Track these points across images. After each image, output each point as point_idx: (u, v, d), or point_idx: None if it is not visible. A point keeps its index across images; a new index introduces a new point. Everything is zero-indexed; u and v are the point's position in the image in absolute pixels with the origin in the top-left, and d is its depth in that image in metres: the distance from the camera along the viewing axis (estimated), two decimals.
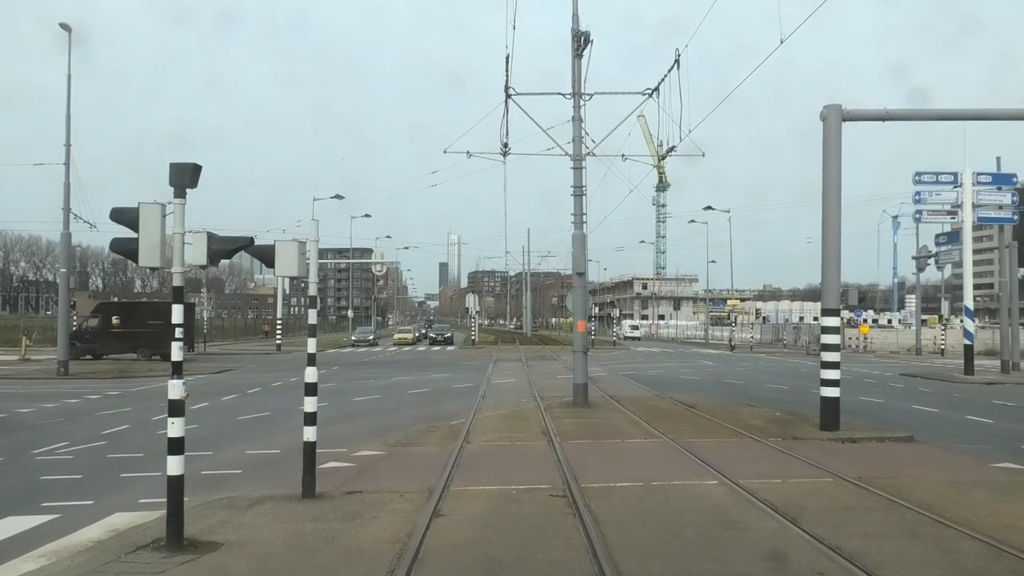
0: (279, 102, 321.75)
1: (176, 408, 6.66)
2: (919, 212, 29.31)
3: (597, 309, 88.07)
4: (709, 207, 56.52)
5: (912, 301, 59.89)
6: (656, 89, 17.47)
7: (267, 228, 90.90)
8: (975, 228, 30.61)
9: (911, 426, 14.63)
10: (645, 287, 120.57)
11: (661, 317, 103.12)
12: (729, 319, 68.77)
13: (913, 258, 45.35)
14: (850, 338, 49.28)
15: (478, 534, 7.09)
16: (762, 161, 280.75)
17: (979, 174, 27.40)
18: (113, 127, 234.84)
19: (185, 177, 6.67)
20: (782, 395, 20.50)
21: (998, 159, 30.32)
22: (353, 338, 61.05)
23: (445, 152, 19.23)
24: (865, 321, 66.06)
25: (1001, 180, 27.81)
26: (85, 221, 28.29)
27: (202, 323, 57.72)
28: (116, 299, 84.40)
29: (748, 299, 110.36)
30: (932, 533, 7.12)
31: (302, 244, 8.35)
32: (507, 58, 18.09)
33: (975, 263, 34.66)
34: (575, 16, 17.22)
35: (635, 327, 76.34)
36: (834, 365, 13.44)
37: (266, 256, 8.30)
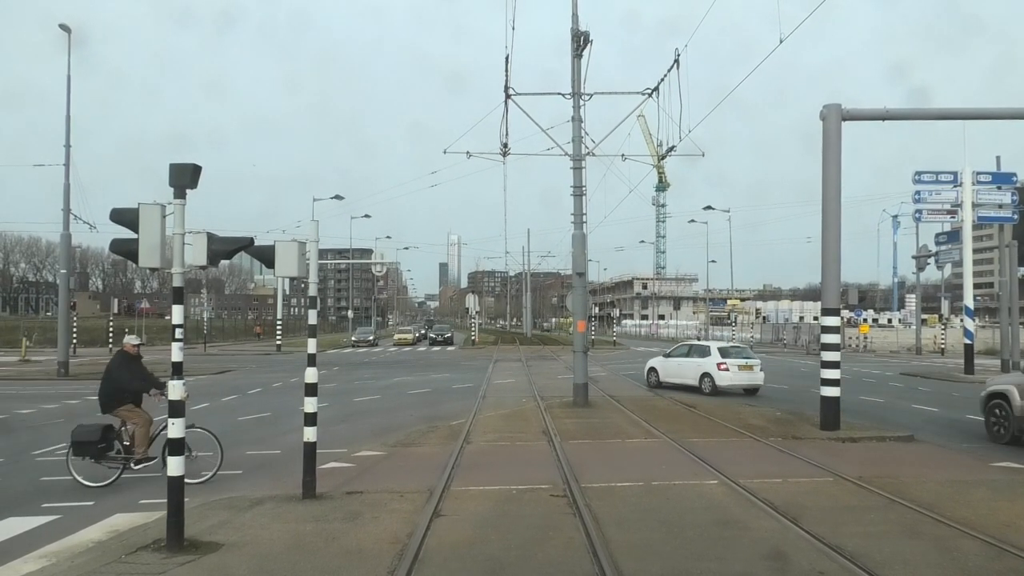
0: (279, 102, 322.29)
1: (176, 409, 6.67)
2: (919, 211, 29.32)
3: (597, 309, 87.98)
4: (709, 207, 56.45)
5: (912, 300, 59.85)
6: (656, 89, 17.50)
7: (267, 228, 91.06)
8: (975, 227, 30.63)
9: (911, 425, 14.64)
10: (645, 287, 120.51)
11: (661, 317, 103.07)
12: (729, 319, 68.73)
13: (913, 257, 45.30)
14: (850, 338, 49.27)
15: (478, 534, 7.09)
16: (762, 161, 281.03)
17: (979, 173, 27.41)
18: (113, 127, 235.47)
19: (185, 178, 6.68)
20: (782, 394, 20.49)
21: (998, 158, 30.34)
22: (353, 338, 61.06)
23: (445, 152, 19.29)
24: (865, 320, 66.09)
25: (1001, 179, 27.82)
26: (85, 222, 28.33)
27: (203, 324, 57.84)
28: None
29: (748, 299, 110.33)
30: (933, 532, 7.12)
31: (302, 244, 8.35)
32: (507, 58, 18.13)
33: (975, 262, 34.71)
34: (575, 16, 17.25)
35: None
36: (834, 365, 13.45)
37: (266, 256, 8.29)
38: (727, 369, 19.76)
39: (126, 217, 6.84)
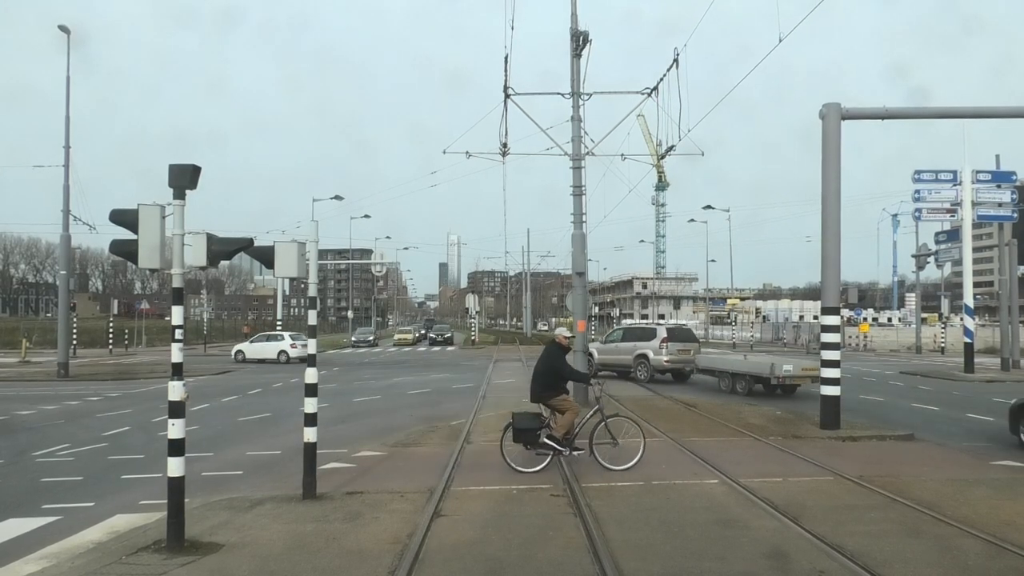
0: (279, 103, 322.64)
1: (176, 409, 6.67)
2: (919, 210, 29.28)
3: (597, 309, 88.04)
4: (709, 206, 56.42)
5: (912, 299, 59.83)
6: (655, 89, 17.49)
7: (267, 229, 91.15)
8: (975, 226, 30.62)
9: (911, 424, 14.63)
10: (645, 286, 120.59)
11: (661, 316, 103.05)
12: (729, 318, 68.75)
13: (913, 256, 45.32)
14: (850, 337, 49.28)
15: (479, 534, 7.09)
16: (762, 160, 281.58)
17: (978, 172, 27.40)
18: (113, 128, 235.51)
19: (184, 178, 6.67)
20: (782, 394, 20.47)
21: (997, 157, 30.37)
22: (353, 339, 61.07)
23: (444, 152, 19.28)
24: (865, 319, 66.12)
25: (1000, 178, 27.81)
26: (85, 223, 28.34)
27: (203, 324, 57.82)
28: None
29: (748, 298, 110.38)
30: (933, 531, 7.12)
31: (301, 245, 8.35)
32: (506, 58, 18.11)
33: (975, 261, 34.72)
34: (574, 16, 17.23)
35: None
36: (834, 363, 13.44)
37: (266, 257, 8.28)
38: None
39: (126, 218, 6.83)
